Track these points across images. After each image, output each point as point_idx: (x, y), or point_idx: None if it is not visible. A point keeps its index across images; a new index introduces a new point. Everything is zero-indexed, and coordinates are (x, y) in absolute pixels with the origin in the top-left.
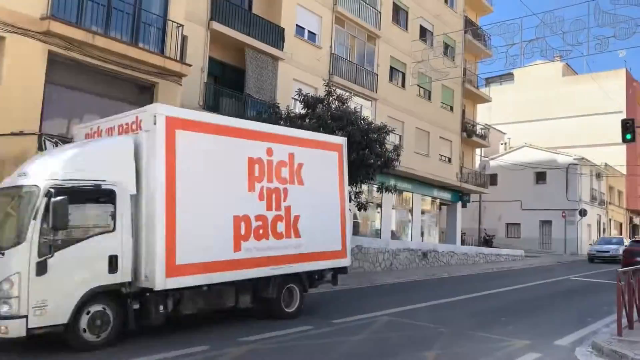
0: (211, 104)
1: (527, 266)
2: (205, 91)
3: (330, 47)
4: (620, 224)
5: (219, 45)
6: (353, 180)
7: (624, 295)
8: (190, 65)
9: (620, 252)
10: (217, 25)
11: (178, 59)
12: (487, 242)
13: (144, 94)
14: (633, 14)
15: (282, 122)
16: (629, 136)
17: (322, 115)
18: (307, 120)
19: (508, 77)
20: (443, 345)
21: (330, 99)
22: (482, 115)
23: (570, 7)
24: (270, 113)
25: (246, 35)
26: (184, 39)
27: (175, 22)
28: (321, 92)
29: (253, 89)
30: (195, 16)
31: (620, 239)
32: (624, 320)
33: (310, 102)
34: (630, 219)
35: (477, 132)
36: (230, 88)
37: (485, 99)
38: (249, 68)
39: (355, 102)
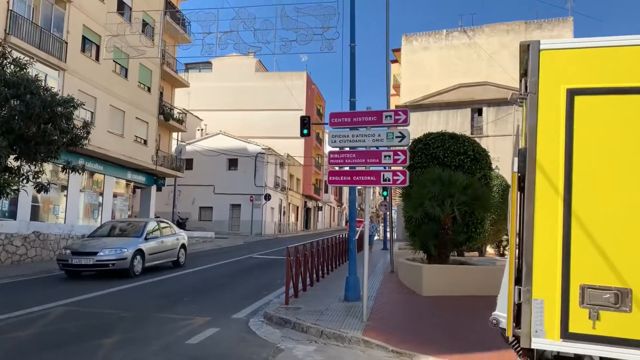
0: None
1: (216, 247)
2: None
3: (8, 2)
4: (297, 207)
5: None
6: (32, 158)
7: (292, 269)
8: None
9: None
10: None
11: None
12: (180, 225)
13: None
14: (311, 24)
15: None
16: (305, 131)
17: None
18: None
19: (207, 65)
20: (124, 330)
21: (5, 62)
22: (181, 100)
23: (261, 6)
24: None
25: None
26: None
27: None
28: None
29: None
30: None
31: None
32: (292, 291)
33: None
34: (305, 203)
35: (175, 116)
36: None
37: (183, 84)
38: None
39: (37, 70)
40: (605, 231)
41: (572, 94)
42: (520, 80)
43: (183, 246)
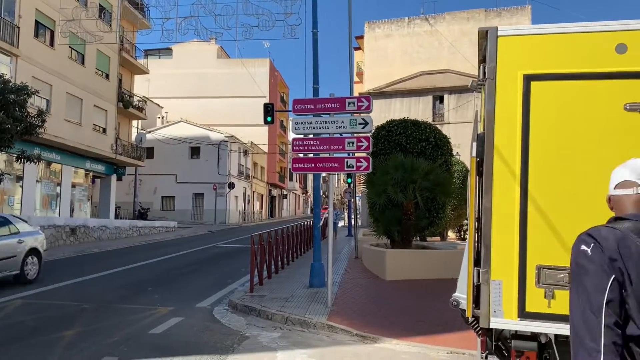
0: None
1: (179, 236)
2: None
3: None
4: (262, 196)
5: None
6: None
7: (256, 257)
8: None
9: None
10: None
11: None
12: (142, 215)
13: None
14: (273, 9)
15: None
16: (269, 119)
17: None
18: None
19: (167, 51)
20: (85, 322)
21: None
22: (140, 87)
23: None
24: None
25: None
26: None
27: None
28: None
29: None
30: None
31: None
32: (256, 279)
33: None
34: (270, 191)
35: (135, 104)
36: None
37: (143, 71)
38: None
39: None
40: (560, 213)
41: (528, 79)
42: (479, 66)
43: (34, 252)
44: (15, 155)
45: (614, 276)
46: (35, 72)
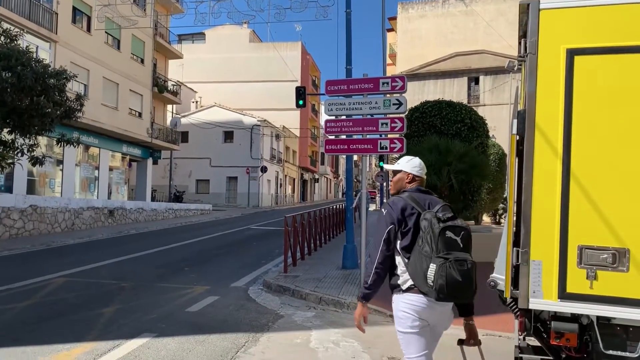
0: None
1: (214, 219)
2: None
3: None
4: (294, 180)
5: None
6: (26, 131)
7: (290, 238)
8: None
9: None
10: None
11: None
12: (177, 198)
13: None
14: None
15: None
16: (301, 102)
17: None
18: None
19: (200, 36)
20: (124, 299)
21: None
22: (174, 72)
23: None
24: None
25: None
26: None
27: None
28: None
29: None
30: None
31: None
32: (290, 260)
33: None
34: (301, 175)
35: (169, 88)
36: None
37: (177, 55)
38: None
39: (28, 42)
40: (603, 192)
41: (572, 53)
42: (520, 42)
43: None
44: (55, 139)
45: (393, 225)
46: (73, 58)
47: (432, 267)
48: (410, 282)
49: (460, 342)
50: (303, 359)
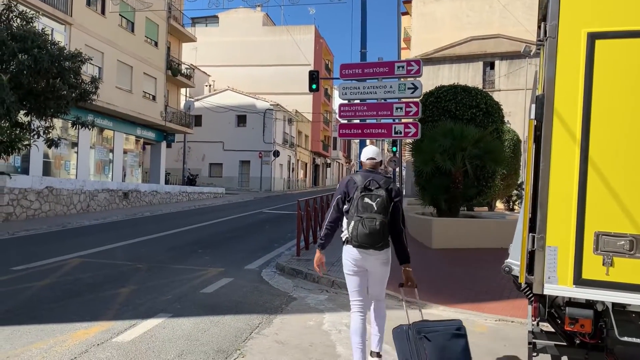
0: None
1: (227, 202)
2: None
3: None
4: (306, 164)
5: None
6: (42, 113)
7: (303, 222)
8: None
9: None
10: None
11: None
12: (191, 181)
13: None
14: None
15: None
16: (314, 86)
17: None
18: None
19: (213, 19)
20: (139, 280)
21: (11, 15)
22: (188, 55)
23: None
24: None
25: None
26: None
27: None
28: None
29: None
30: None
31: None
32: (303, 243)
33: None
34: (314, 160)
35: (183, 72)
36: None
37: (190, 39)
38: None
39: (43, 24)
40: (622, 179)
41: (592, 37)
42: (539, 25)
43: None
44: (70, 121)
45: (340, 195)
46: (88, 40)
47: (352, 224)
48: (347, 236)
49: (400, 285)
50: (316, 341)
